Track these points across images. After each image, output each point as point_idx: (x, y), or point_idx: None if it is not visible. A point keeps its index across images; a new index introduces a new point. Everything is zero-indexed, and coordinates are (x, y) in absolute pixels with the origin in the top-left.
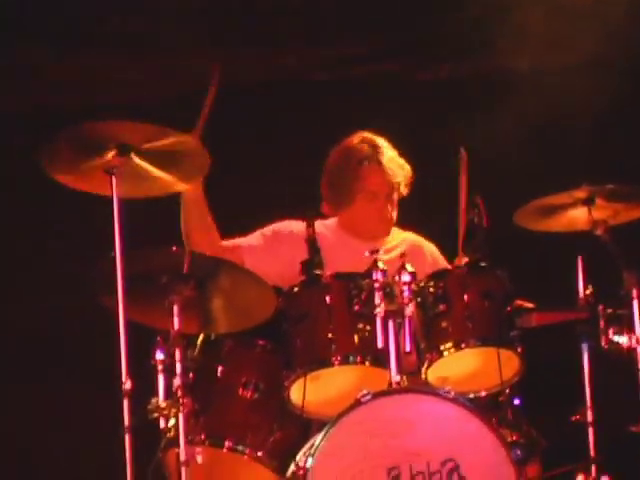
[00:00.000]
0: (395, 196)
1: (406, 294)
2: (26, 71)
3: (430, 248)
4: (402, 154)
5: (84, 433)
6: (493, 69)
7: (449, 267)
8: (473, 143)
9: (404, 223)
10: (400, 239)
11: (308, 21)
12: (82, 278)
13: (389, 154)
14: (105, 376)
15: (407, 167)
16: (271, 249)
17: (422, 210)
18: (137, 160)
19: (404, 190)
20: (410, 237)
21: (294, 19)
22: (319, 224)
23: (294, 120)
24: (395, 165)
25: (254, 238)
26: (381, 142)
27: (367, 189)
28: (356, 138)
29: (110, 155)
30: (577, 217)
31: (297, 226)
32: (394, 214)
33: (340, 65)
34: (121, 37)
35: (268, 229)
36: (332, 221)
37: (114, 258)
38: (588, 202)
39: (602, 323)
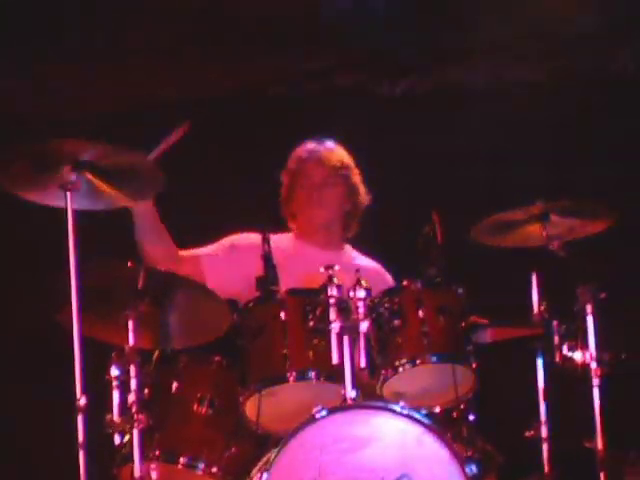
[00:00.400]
0: (339, 183)
1: (361, 310)
2: None
3: (388, 277)
4: (357, 166)
5: (38, 450)
6: (448, 84)
7: (404, 283)
8: (429, 158)
9: (361, 238)
10: (359, 261)
11: (263, 35)
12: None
13: (328, 147)
14: (59, 392)
15: (348, 159)
16: (229, 260)
17: (378, 223)
18: (92, 177)
19: (353, 180)
20: (370, 263)
21: (249, 34)
22: (277, 237)
23: (249, 134)
24: (334, 153)
25: (213, 248)
26: (323, 143)
27: (304, 180)
28: (303, 144)
29: (65, 171)
30: (532, 233)
31: (255, 239)
32: (340, 204)
33: (295, 79)
34: (82, 52)
35: (227, 240)
36: (290, 233)
37: (76, 271)
38: (543, 218)
39: (556, 339)
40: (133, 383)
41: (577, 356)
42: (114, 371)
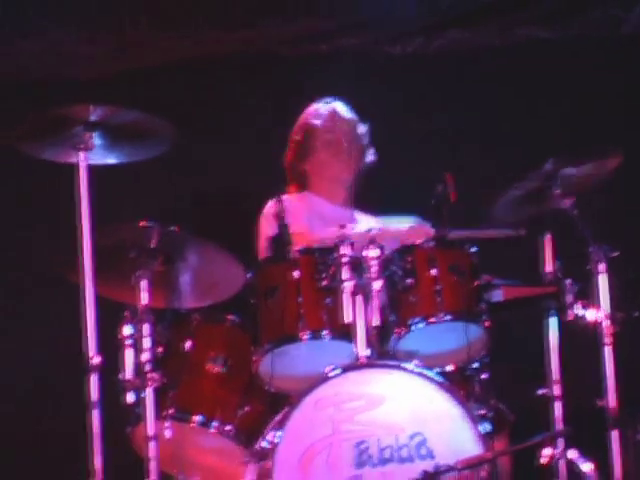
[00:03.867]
0: (360, 139)
1: (374, 269)
2: None
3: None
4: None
5: (51, 408)
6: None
7: (417, 242)
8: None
9: (374, 198)
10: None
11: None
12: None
13: (342, 106)
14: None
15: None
16: None
17: (391, 185)
18: (104, 135)
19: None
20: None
21: None
22: (288, 197)
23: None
24: (349, 112)
25: None
26: (334, 102)
27: (329, 134)
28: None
29: (77, 131)
30: (546, 195)
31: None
32: (362, 160)
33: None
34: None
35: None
36: (301, 193)
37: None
38: (553, 176)
39: (569, 298)
40: (146, 342)
41: (590, 315)
42: (127, 330)
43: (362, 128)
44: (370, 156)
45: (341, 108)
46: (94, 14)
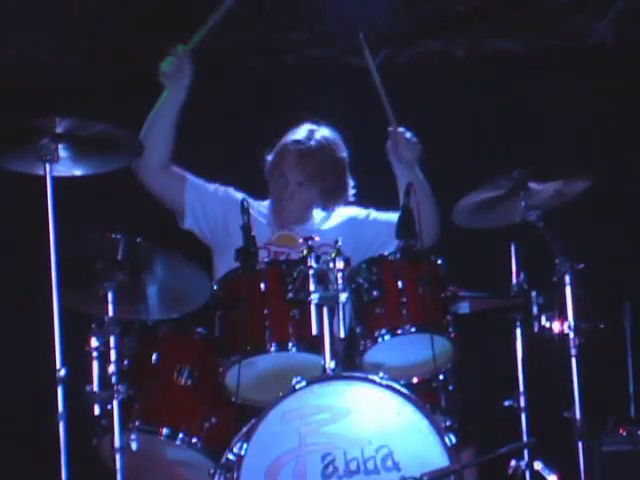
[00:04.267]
0: (313, 186)
1: (340, 281)
2: None
3: (367, 211)
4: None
5: (19, 422)
6: (428, 54)
7: (384, 254)
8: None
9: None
10: (336, 220)
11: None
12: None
13: (315, 142)
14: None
15: (332, 153)
16: (214, 200)
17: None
18: (70, 147)
19: (332, 180)
20: (346, 213)
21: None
22: (260, 205)
23: (237, 102)
24: (317, 152)
25: (206, 182)
26: (311, 134)
27: (279, 177)
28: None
29: (44, 143)
30: (511, 208)
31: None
32: (312, 203)
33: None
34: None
35: (227, 187)
36: (264, 200)
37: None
38: (521, 187)
39: (535, 309)
40: (113, 354)
41: (555, 326)
42: (94, 342)
43: (331, 166)
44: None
45: (308, 148)
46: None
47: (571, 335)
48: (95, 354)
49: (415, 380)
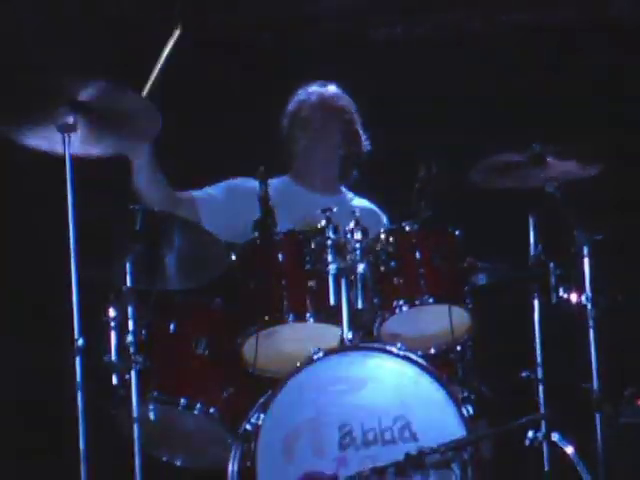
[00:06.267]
0: (337, 127)
1: (358, 252)
2: None
3: (383, 218)
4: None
5: (37, 390)
6: (444, 28)
7: (401, 225)
8: (427, 102)
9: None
10: (355, 202)
11: None
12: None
13: (329, 90)
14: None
15: (349, 104)
16: (227, 203)
17: (377, 168)
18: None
19: (353, 126)
20: (365, 204)
21: None
22: (274, 181)
23: (245, 79)
24: (334, 97)
25: (210, 191)
26: (324, 86)
27: (304, 122)
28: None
29: (63, 112)
30: (529, 174)
31: (253, 183)
32: (337, 146)
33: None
34: None
35: (226, 183)
36: (286, 177)
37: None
38: (539, 161)
39: (553, 280)
40: (130, 324)
41: (573, 297)
42: (112, 312)
43: (349, 115)
44: (360, 144)
45: (326, 93)
46: None
47: (589, 306)
48: (113, 324)
49: (432, 351)
